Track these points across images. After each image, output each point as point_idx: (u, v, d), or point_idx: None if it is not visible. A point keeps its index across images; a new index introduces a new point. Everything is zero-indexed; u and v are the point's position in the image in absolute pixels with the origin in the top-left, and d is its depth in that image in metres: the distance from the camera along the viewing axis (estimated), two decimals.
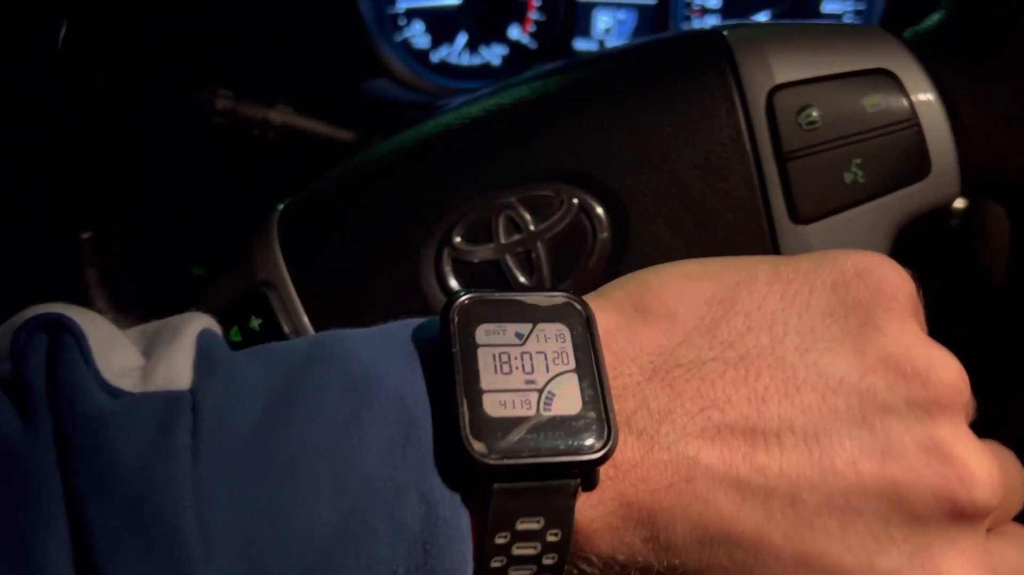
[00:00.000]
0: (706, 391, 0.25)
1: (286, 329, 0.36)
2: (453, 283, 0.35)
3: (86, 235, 0.42)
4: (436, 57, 0.68)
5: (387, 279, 0.36)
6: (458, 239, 0.35)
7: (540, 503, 0.23)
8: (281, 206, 0.39)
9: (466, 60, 0.69)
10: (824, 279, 0.26)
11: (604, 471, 0.24)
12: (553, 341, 0.25)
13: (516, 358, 0.24)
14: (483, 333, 0.24)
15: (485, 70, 0.69)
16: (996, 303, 0.43)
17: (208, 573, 0.21)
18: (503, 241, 0.35)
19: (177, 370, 0.23)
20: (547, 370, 0.24)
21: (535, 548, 0.24)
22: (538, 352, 0.24)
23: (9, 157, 0.40)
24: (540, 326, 0.25)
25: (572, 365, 0.24)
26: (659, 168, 0.34)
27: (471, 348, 0.24)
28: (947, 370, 0.25)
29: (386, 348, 0.25)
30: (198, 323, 0.25)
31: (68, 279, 0.42)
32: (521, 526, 0.23)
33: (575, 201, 0.35)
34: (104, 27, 0.42)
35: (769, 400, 0.24)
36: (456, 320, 0.24)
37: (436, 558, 0.23)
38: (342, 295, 0.36)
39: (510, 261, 0.35)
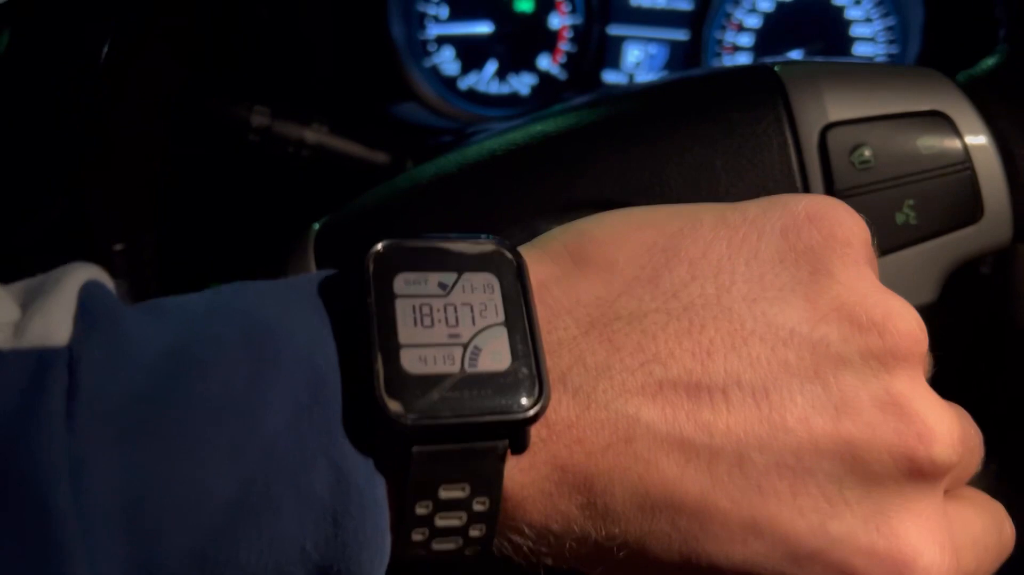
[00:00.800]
0: (647, 345, 0.23)
1: None
2: None
3: (119, 247, 0.41)
4: (464, 84, 0.68)
5: None
6: None
7: (465, 468, 0.21)
8: (317, 225, 0.39)
9: (495, 88, 0.69)
10: (773, 224, 0.24)
11: (536, 432, 0.22)
12: (480, 292, 0.23)
13: (439, 310, 0.22)
14: (402, 283, 0.22)
15: (513, 99, 0.69)
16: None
17: (85, 552, 0.18)
18: None
19: (54, 324, 0.20)
20: (473, 323, 0.22)
21: (460, 518, 0.22)
22: (463, 304, 0.22)
23: (47, 166, 0.40)
24: (466, 275, 0.23)
25: (501, 318, 0.22)
26: (709, 202, 0.34)
27: (388, 299, 0.22)
28: (904, 319, 0.23)
29: (293, 300, 0.23)
30: (82, 273, 0.22)
31: None
32: (445, 494, 0.21)
33: None
34: (146, 42, 0.42)
35: (715, 353, 0.23)
36: (371, 268, 0.22)
37: (348, 530, 0.21)
38: None
39: None
